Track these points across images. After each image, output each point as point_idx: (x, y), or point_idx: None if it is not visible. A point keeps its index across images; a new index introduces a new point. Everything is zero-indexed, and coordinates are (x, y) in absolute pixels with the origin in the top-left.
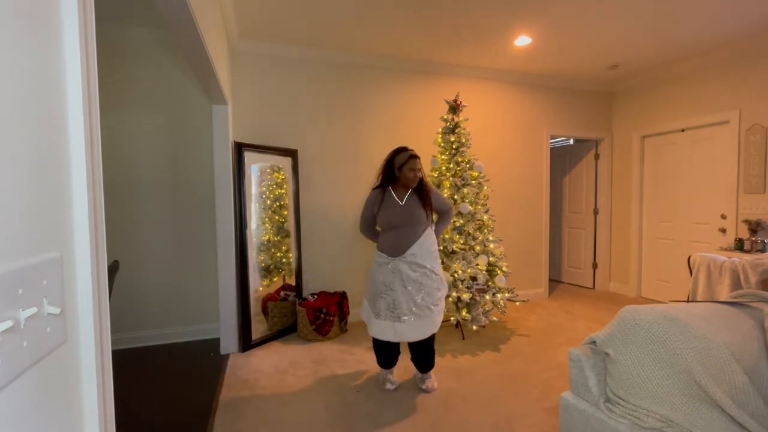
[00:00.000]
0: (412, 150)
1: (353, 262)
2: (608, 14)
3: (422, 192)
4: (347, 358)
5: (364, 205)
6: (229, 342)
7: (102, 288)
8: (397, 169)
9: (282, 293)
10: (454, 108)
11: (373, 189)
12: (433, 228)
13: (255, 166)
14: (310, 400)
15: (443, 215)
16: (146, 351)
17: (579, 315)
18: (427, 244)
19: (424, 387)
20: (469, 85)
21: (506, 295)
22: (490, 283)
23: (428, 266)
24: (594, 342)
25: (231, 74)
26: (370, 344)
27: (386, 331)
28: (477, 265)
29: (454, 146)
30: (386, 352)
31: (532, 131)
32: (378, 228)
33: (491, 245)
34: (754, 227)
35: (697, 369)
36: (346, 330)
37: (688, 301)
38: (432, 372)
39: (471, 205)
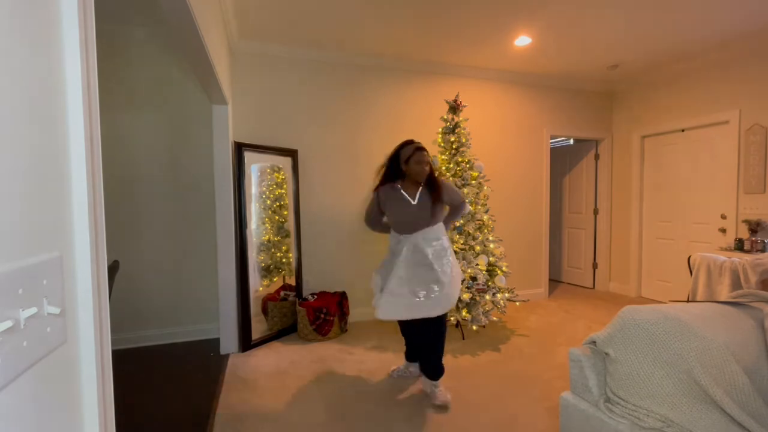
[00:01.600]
0: (418, 142)
1: (353, 262)
2: (608, 14)
3: (434, 187)
4: (347, 358)
5: (369, 204)
6: (229, 342)
7: (102, 288)
8: (404, 163)
9: (282, 293)
10: (454, 108)
11: (376, 189)
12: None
13: (255, 166)
14: (310, 400)
15: (455, 208)
16: (146, 351)
17: (579, 315)
18: (438, 230)
19: (438, 403)
20: (469, 85)
21: (506, 295)
22: (490, 283)
23: (442, 241)
24: (594, 342)
25: (231, 74)
26: (370, 344)
27: (397, 310)
28: (477, 265)
29: (454, 146)
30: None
31: (532, 131)
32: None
33: (491, 245)
34: (754, 227)
35: (697, 369)
36: (346, 330)
37: (688, 301)
38: (440, 382)
39: (471, 205)
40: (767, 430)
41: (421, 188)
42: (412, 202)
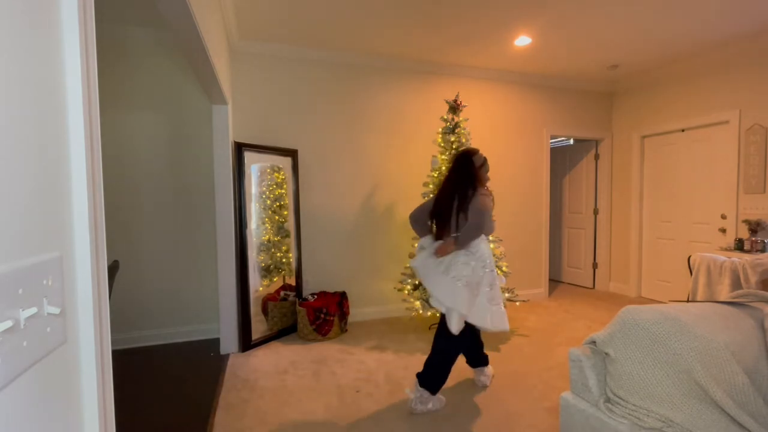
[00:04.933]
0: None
1: (353, 262)
2: (608, 14)
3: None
4: (347, 358)
5: (485, 212)
6: (229, 342)
7: (102, 288)
8: (477, 168)
9: (282, 293)
10: (454, 108)
11: (479, 193)
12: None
13: (255, 166)
14: (310, 400)
15: None
16: (146, 351)
17: (579, 315)
18: None
19: (485, 380)
20: (469, 85)
21: (506, 295)
22: None
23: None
24: (594, 342)
25: (231, 74)
26: (370, 344)
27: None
28: None
29: (454, 146)
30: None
31: (532, 131)
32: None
33: (491, 245)
34: (754, 227)
35: (697, 369)
36: (346, 330)
37: (688, 301)
38: None
39: None
40: (767, 430)
41: None
42: None
